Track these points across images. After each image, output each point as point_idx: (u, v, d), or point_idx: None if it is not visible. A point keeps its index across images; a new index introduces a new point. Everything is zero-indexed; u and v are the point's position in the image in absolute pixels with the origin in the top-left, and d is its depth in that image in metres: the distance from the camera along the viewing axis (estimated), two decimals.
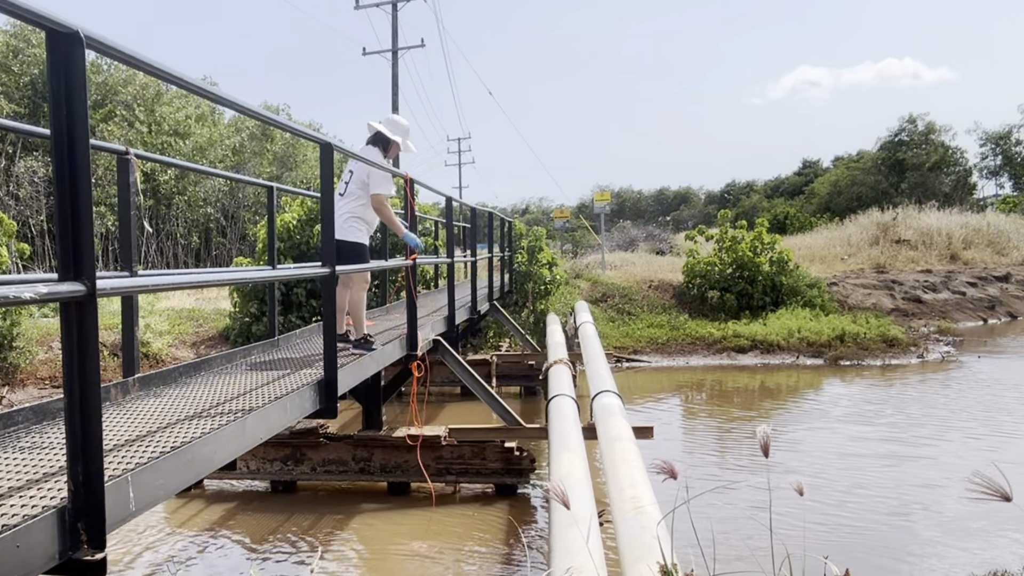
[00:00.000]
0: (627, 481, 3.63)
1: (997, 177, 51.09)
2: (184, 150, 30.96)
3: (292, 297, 12.37)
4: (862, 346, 14.40)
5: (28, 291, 1.83)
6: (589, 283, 18.19)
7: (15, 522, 1.99)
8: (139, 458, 2.60)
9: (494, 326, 14.28)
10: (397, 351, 6.13)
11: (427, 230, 14.16)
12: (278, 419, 3.66)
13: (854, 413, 10.05)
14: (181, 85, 2.62)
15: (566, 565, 2.64)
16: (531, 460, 6.86)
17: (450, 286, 8.27)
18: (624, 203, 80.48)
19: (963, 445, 8.33)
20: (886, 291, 19.56)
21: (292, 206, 13.24)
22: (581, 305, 14.25)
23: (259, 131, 36.13)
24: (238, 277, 6.27)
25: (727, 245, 17.20)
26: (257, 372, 4.75)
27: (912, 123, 46.78)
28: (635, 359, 14.64)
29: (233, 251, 32.66)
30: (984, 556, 5.29)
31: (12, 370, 10.82)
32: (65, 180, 2.00)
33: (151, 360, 11.84)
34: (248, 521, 6.44)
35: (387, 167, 5.59)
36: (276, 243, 6.49)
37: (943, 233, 24.78)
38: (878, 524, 6.01)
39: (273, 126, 3.94)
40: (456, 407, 10.78)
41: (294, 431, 6.92)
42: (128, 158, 4.21)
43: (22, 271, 17.10)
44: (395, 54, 27.34)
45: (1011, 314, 20.37)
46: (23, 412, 3.30)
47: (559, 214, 26.76)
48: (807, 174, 61.46)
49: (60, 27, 1.97)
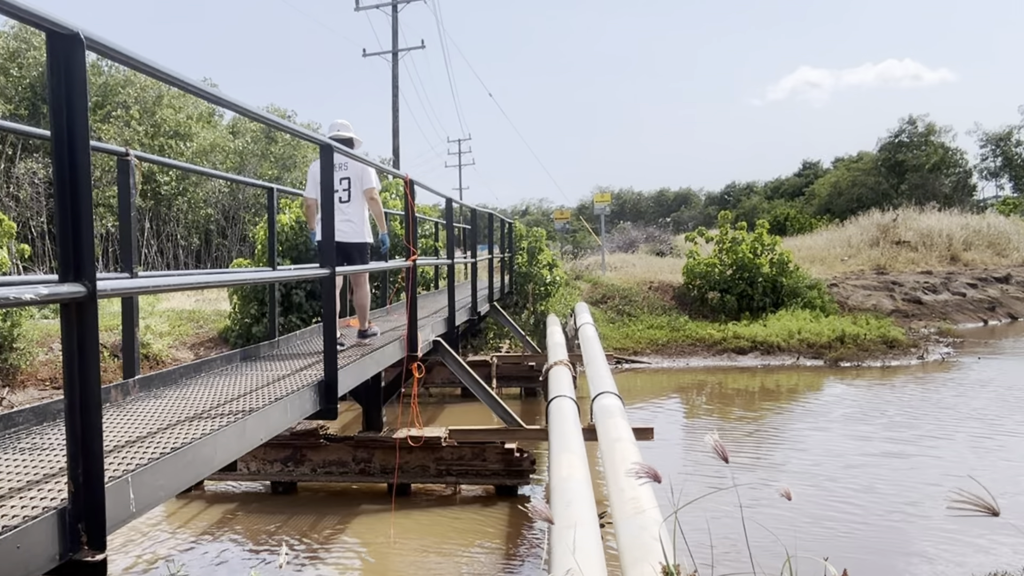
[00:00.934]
0: (627, 482, 3.63)
1: (997, 178, 51.09)
2: (186, 153, 30.95)
3: (292, 298, 12.37)
4: (862, 347, 14.40)
5: (29, 292, 1.83)
6: (589, 284, 18.19)
7: (15, 523, 1.99)
8: (139, 459, 2.61)
9: (494, 327, 14.28)
10: (397, 352, 6.13)
11: (427, 231, 14.15)
12: (278, 420, 3.66)
13: (854, 414, 10.05)
14: (181, 87, 2.63)
15: (566, 566, 2.64)
16: (531, 461, 6.86)
17: (450, 287, 8.27)
18: (624, 204, 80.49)
19: (963, 446, 8.33)
20: (886, 292, 19.56)
21: (292, 207, 13.23)
22: (581, 306, 14.25)
23: (262, 133, 36.13)
24: (238, 278, 6.28)
25: (727, 246, 17.20)
26: (257, 373, 4.75)
27: (912, 124, 46.76)
28: (635, 360, 14.64)
29: (233, 252, 32.65)
30: (984, 556, 5.28)
31: (12, 371, 10.82)
32: (65, 181, 2.00)
33: (151, 361, 11.84)
34: (248, 522, 6.44)
35: (382, 167, 5.98)
36: (276, 244, 6.49)
37: (943, 234, 24.78)
38: (878, 525, 6.01)
39: (273, 127, 3.95)
40: (456, 408, 10.77)
41: (294, 432, 6.92)
42: (128, 159, 4.21)
43: (22, 272, 17.12)
44: (395, 55, 27.35)
45: (1011, 315, 20.37)
46: (23, 413, 3.30)
47: (559, 215, 26.76)
48: (807, 175, 61.44)
49: (61, 29, 1.97)
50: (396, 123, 27.34)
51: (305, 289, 12.40)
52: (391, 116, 27.31)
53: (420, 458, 6.86)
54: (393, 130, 27.38)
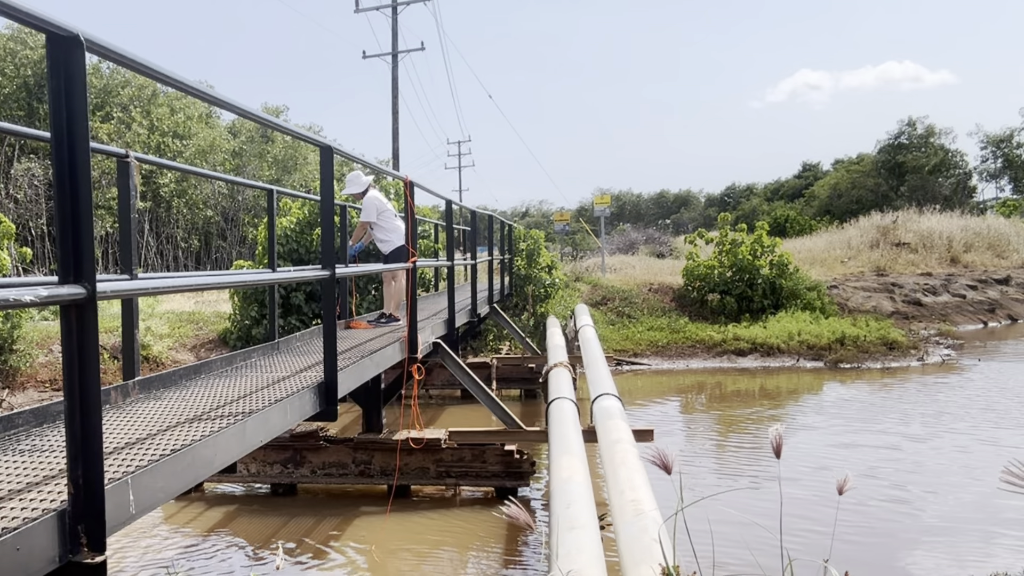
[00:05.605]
0: (627, 484, 3.63)
1: (997, 180, 51.01)
2: (185, 153, 30.96)
3: (292, 300, 12.37)
4: (862, 349, 14.40)
5: (28, 294, 1.83)
6: (589, 286, 18.19)
7: (15, 525, 1.99)
8: (139, 461, 2.60)
9: (494, 329, 14.27)
10: (397, 354, 6.13)
11: (426, 233, 14.15)
12: (278, 422, 3.66)
13: (854, 415, 10.04)
14: (181, 88, 2.63)
15: (567, 568, 2.64)
16: (531, 463, 6.85)
17: (450, 289, 8.27)
18: (624, 206, 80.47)
19: (964, 446, 8.32)
20: (886, 294, 19.56)
21: (292, 209, 13.24)
22: (581, 308, 14.25)
23: (258, 133, 36.13)
24: (238, 280, 6.27)
25: (727, 248, 17.21)
26: (257, 375, 4.75)
27: (911, 126, 46.78)
28: (635, 362, 14.63)
29: (233, 254, 32.66)
30: (984, 556, 5.28)
31: (12, 373, 10.81)
32: (65, 183, 2.00)
33: (151, 363, 11.83)
34: (248, 524, 6.44)
35: (382, 168, 6.77)
36: (276, 246, 6.50)
37: (943, 236, 24.79)
38: (879, 526, 6.00)
39: (273, 129, 3.96)
40: (456, 410, 10.77)
41: (294, 434, 6.92)
42: (128, 161, 4.21)
43: (22, 274, 17.10)
44: (395, 57, 27.37)
45: (1011, 317, 20.37)
46: (23, 415, 3.30)
47: (559, 217, 26.77)
48: (807, 177, 61.47)
49: (60, 30, 1.97)
50: (396, 125, 27.36)
51: (305, 291, 12.40)
52: (391, 118, 27.34)
53: (420, 460, 6.85)
54: (393, 132, 27.40)
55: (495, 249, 12.01)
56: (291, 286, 12.22)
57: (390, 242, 7.81)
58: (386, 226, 7.82)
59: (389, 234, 7.82)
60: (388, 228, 7.82)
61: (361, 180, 7.96)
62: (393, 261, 7.61)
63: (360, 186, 7.92)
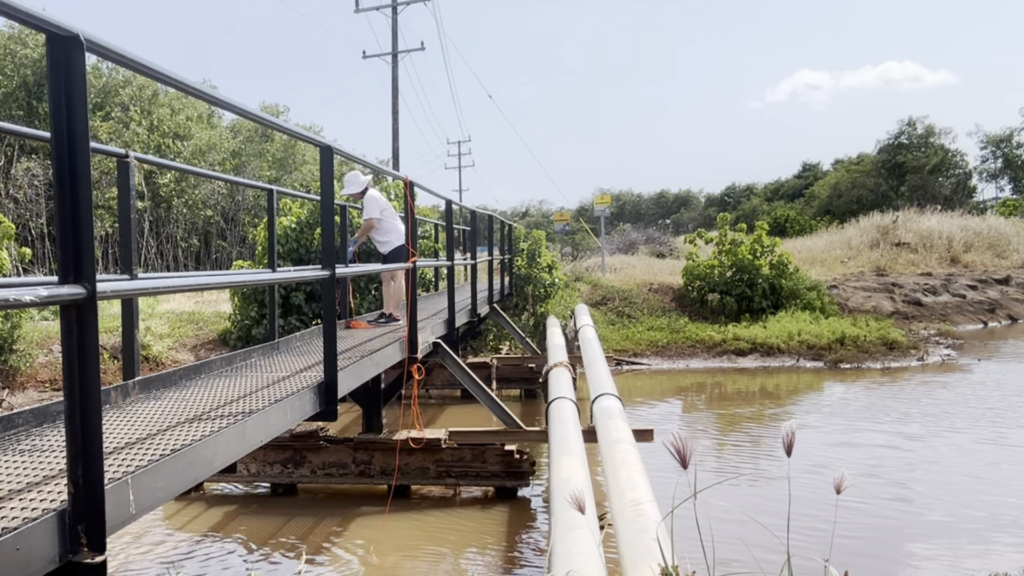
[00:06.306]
0: (627, 484, 3.63)
1: (997, 180, 50.99)
2: (184, 153, 30.94)
3: (292, 300, 12.37)
4: (862, 349, 14.40)
5: (28, 294, 1.83)
6: (589, 286, 18.19)
7: (15, 525, 1.99)
8: (139, 461, 2.60)
9: (494, 329, 14.27)
10: (397, 354, 6.13)
11: (426, 233, 14.14)
12: (278, 422, 3.66)
13: (855, 415, 10.04)
14: (181, 88, 2.63)
15: (566, 568, 2.64)
16: (531, 463, 6.85)
17: (450, 289, 8.27)
18: (624, 206, 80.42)
19: (964, 447, 8.32)
20: (886, 294, 19.56)
21: (292, 209, 13.23)
22: (581, 308, 14.25)
23: (256, 133, 36.10)
24: (238, 280, 6.28)
25: (727, 248, 17.21)
26: (257, 375, 4.75)
27: (911, 126, 46.76)
28: (635, 362, 14.63)
29: (233, 254, 32.64)
30: (984, 556, 5.28)
31: (12, 373, 10.81)
32: (65, 183, 2.00)
33: (151, 363, 11.83)
34: (248, 524, 6.44)
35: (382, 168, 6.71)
36: (276, 246, 6.50)
37: (943, 236, 24.79)
38: (879, 526, 6.00)
39: (273, 129, 3.96)
40: (456, 410, 10.77)
41: (294, 434, 6.92)
42: (128, 161, 4.21)
43: (22, 274, 17.09)
44: (395, 57, 27.37)
45: (1011, 317, 20.37)
46: (23, 415, 3.30)
47: (559, 217, 26.77)
48: (807, 177, 61.43)
49: (61, 31, 1.97)
50: (396, 125, 27.36)
51: (305, 291, 12.40)
52: (391, 117, 27.34)
53: (420, 460, 6.85)
54: (393, 132, 27.40)
55: (495, 249, 12.00)
56: (291, 286, 12.22)
57: (389, 242, 7.84)
58: (386, 226, 7.84)
59: (388, 234, 7.84)
60: (387, 228, 7.84)
61: (360, 180, 8.01)
62: (392, 261, 7.65)
63: (359, 186, 7.97)
